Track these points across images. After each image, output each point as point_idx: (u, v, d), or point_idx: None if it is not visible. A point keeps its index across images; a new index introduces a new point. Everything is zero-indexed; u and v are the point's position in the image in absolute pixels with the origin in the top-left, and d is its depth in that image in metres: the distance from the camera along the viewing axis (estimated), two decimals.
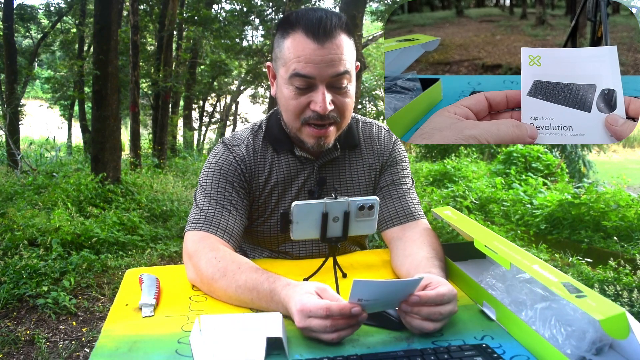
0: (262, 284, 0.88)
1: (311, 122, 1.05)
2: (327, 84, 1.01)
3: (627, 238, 4.14)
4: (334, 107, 1.04)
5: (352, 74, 1.05)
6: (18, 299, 3.08)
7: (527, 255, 0.82)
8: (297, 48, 1.00)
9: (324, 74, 1.00)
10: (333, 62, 1.00)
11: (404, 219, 1.18)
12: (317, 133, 1.06)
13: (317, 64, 0.99)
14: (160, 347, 0.77)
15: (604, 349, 0.75)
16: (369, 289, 0.74)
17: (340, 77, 1.02)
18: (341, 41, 1.01)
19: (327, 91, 1.02)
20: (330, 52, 0.99)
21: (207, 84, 15.73)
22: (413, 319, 0.79)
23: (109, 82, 5.45)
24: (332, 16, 1.01)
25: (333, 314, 0.75)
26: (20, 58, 12.31)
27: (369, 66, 14.16)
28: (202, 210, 1.10)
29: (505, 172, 7.08)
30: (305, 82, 1.01)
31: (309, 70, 0.99)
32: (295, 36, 1.01)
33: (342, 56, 1.01)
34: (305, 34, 0.99)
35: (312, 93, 1.02)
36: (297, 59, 1.00)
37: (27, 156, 8.38)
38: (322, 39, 0.99)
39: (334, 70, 1.00)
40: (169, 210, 5.44)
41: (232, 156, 1.16)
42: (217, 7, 13.47)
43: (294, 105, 1.04)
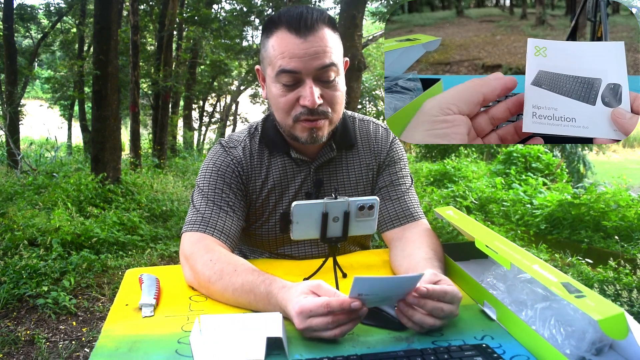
0: (258, 287, 0.88)
1: (303, 118, 1.05)
2: (314, 77, 1.01)
3: (627, 238, 4.14)
4: (324, 101, 1.04)
5: (339, 67, 1.05)
6: (18, 299, 3.08)
7: (527, 255, 0.82)
8: (280, 45, 1.01)
9: (309, 67, 1.00)
10: (317, 55, 1.00)
11: (404, 220, 1.18)
12: (309, 125, 1.05)
13: (301, 57, 0.99)
14: (160, 347, 0.77)
15: (603, 349, 0.75)
16: (370, 285, 0.74)
17: (326, 70, 1.01)
18: (324, 34, 1.01)
19: (315, 85, 1.01)
20: (314, 45, 0.99)
21: (207, 84, 15.73)
22: (415, 313, 0.79)
23: (109, 82, 5.45)
24: (313, 11, 1.02)
25: (333, 309, 0.75)
26: (20, 58, 12.31)
27: (369, 66, 14.16)
28: (199, 211, 1.10)
29: (505, 172, 7.08)
30: (291, 78, 1.01)
31: (294, 64, 1.00)
32: (278, 34, 1.01)
33: (326, 48, 1.01)
34: (288, 30, 1.00)
35: (300, 88, 1.02)
36: (281, 55, 1.00)
37: (27, 156, 8.37)
38: (304, 32, 0.99)
39: (319, 62, 1.00)
40: (169, 210, 5.44)
41: (229, 158, 1.16)
42: (217, 7, 13.48)
43: (283, 103, 1.04)
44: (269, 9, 10.46)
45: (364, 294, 0.75)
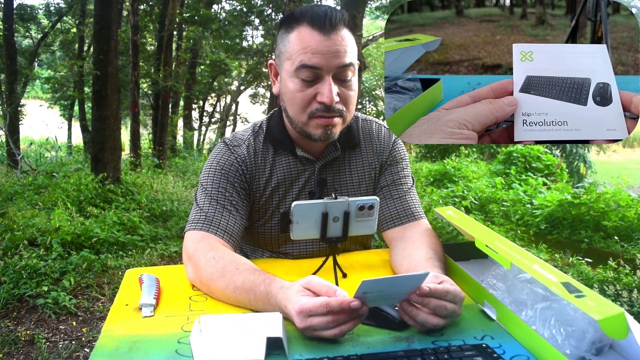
0: (258, 286, 0.88)
1: (318, 115, 1.05)
2: (333, 75, 1.02)
3: (627, 238, 4.14)
4: (340, 99, 1.05)
5: (355, 68, 1.06)
6: (18, 299, 3.08)
7: (527, 255, 0.82)
8: (303, 40, 1.01)
9: (331, 65, 1.01)
10: (339, 53, 1.01)
11: (405, 219, 1.18)
12: (324, 122, 1.05)
13: (323, 54, 1.00)
14: (160, 347, 0.77)
15: (603, 349, 0.75)
16: (377, 285, 0.74)
17: (345, 69, 1.03)
18: (345, 34, 1.03)
19: (334, 83, 1.02)
20: (336, 43, 1.01)
21: (207, 84, 15.73)
22: (419, 312, 0.79)
23: (109, 82, 5.45)
24: (335, 11, 1.04)
25: (333, 309, 0.75)
26: (20, 58, 12.31)
27: (369, 66, 14.15)
28: (202, 210, 1.10)
29: (505, 172, 7.08)
30: (311, 74, 1.02)
31: (316, 60, 1.00)
32: (301, 29, 1.02)
33: (347, 48, 1.02)
34: (311, 26, 1.01)
35: (319, 85, 1.03)
36: (303, 50, 1.01)
37: (27, 156, 8.38)
38: (328, 30, 1.00)
39: (339, 61, 1.01)
40: (169, 210, 5.44)
41: (233, 156, 1.16)
42: (217, 7, 13.48)
43: (301, 98, 1.04)
44: (269, 9, 10.46)
45: (368, 292, 0.75)
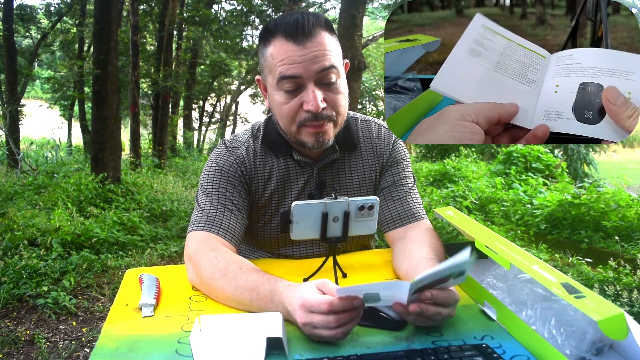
0: (262, 285, 0.88)
1: (307, 124, 1.05)
2: (315, 81, 1.02)
3: (627, 238, 4.14)
4: (327, 104, 1.04)
5: (339, 69, 1.05)
6: (18, 299, 3.08)
7: (527, 256, 0.82)
8: (279, 52, 1.01)
9: (310, 71, 1.00)
10: (317, 59, 1.00)
11: (406, 220, 1.18)
12: (314, 130, 1.05)
13: (300, 63, 1.00)
14: (160, 347, 0.77)
15: (603, 349, 0.75)
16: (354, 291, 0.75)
17: (327, 72, 1.02)
18: (322, 38, 1.02)
19: (317, 89, 1.02)
20: (312, 50, 1.00)
21: (207, 84, 15.73)
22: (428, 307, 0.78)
23: (109, 82, 5.45)
24: (309, 16, 1.02)
25: (336, 309, 0.75)
26: (20, 58, 12.31)
27: (369, 66, 14.15)
28: (204, 210, 1.10)
29: (505, 172, 7.08)
30: (293, 84, 1.02)
31: (294, 70, 1.00)
32: (276, 42, 1.02)
33: (325, 52, 1.01)
34: (285, 37, 1.00)
35: (302, 93, 1.02)
36: (281, 62, 1.01)
37: (27, 156, 8.38)
38: (301, 39, 1.00)
39: (319, 65, 1.00)
40: (169, 210, 5.44)
41: (232, 157, 1.16)
42: (217, 7, 13.48)
43: (287, 109, 1.04)
44: (269, 9, 10.46)
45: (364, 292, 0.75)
